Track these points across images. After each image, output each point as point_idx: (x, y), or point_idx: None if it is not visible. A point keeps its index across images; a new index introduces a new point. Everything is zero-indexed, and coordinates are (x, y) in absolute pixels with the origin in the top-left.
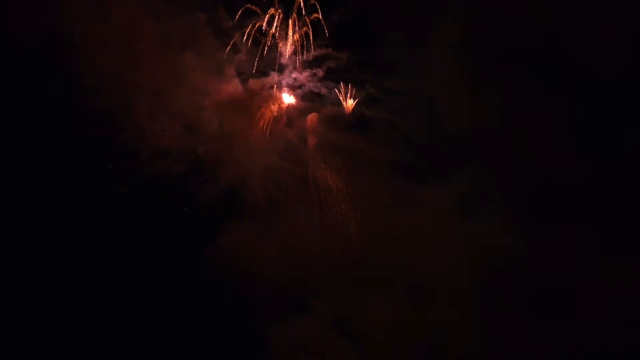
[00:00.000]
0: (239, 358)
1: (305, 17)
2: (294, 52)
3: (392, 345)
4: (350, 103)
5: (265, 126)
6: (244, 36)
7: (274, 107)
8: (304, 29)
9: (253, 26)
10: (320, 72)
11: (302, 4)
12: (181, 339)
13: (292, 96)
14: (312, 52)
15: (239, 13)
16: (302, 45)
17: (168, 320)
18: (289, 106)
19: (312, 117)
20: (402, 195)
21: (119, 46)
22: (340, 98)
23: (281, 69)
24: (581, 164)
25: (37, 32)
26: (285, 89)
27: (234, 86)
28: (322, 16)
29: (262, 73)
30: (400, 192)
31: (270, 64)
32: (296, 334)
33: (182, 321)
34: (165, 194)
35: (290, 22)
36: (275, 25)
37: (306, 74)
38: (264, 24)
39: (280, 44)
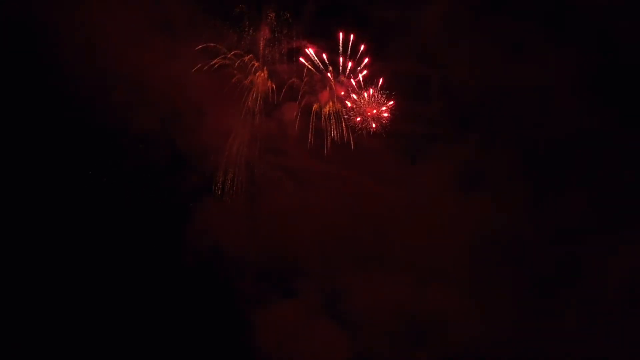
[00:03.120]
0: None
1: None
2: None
3: (383, 329)
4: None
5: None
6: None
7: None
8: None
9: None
10: (300, 63)
11: None
12: (166, 325)
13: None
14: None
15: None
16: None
17: (153, 308)
18: (268, 97)
19: (290, 107)
20: (397, 171)
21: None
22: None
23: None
24: (593, 124)
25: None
26: (263, 79)
27: (212, 77)
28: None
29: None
30: (395, 168)
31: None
32: (283, 318)
33: (167, 308)
34: (145, 183)
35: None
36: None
37: (285, 65)
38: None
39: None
